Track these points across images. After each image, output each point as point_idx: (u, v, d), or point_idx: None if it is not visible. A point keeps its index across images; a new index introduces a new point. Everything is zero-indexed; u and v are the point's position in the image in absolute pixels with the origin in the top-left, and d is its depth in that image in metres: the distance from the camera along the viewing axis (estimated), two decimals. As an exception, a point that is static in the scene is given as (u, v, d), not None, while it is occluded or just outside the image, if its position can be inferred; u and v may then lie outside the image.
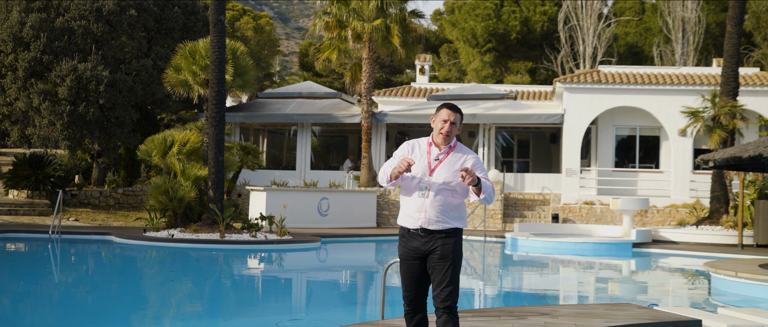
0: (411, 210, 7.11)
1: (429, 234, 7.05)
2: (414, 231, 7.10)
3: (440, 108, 7.21)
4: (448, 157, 7.10)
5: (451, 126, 7.11)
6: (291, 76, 75.80)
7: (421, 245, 7.07)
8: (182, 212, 23.63)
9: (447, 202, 7.04)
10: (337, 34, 32.94)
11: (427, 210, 7.01)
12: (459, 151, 7.19)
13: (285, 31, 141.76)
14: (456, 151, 7.17)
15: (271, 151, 40.19)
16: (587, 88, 32.32)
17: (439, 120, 7.15)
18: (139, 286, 16.03)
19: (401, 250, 7.20)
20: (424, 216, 7.02)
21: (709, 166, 20.60)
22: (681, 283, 19.41)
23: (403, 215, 7.19)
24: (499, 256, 24.13)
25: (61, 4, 30.70)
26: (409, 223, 7.12)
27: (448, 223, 7.05)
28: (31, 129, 30.79)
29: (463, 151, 7.21)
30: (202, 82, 24.31)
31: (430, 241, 7.03)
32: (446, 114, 7.14)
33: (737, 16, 27.25)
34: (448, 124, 7.09)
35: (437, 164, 7.08)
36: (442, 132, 7.10)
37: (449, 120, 7.10)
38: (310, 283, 17.78)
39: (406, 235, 7.16)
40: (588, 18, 50.24)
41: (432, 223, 7.02)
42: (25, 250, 21.69)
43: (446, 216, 7.04)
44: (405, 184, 7.12)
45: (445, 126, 7.09)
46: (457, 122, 7.16)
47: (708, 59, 52.43)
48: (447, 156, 7.11)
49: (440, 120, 7.14)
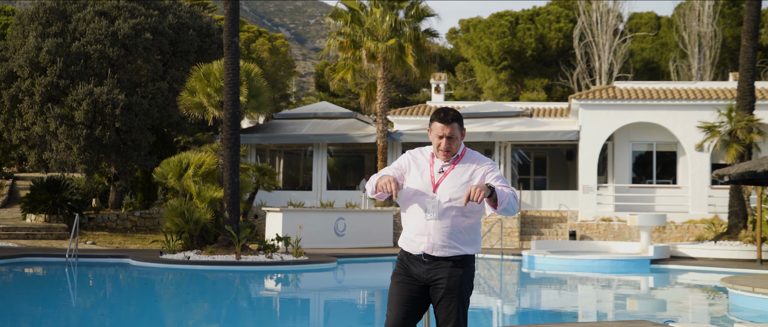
0: (412, 232, 5.98)
1: (433, 261, 5.92)
2: (415, 256, 5.98)
3: (432, 121, 6.02)
4: (455, 169, 5.95)
5: (449, 141, 5.92)
6: (307, 97, 75.99)
7: (423, 273, 5.95)
8: (198, 234, 23.65)
9: (456, 224, 5.87)
10: (352, 54, 33.01)
11: (432, 233, 5.86)
12: (468, 159, 6.01)
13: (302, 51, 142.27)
14: (465, 161, 6.00)
15: (288, 171, 40.23)
16: (603, 104, 32.23)
17: (434, 137, 5.99)
18: (156, 309, 16.04)
19: (398, 269, 6.09)
20: (427, 240, 5.88)
21: (724, 181, 20.49)
22: (699, 299, 19.28)
23: (404, 238, 6.07)
24: (517, 274, 24.04)
25: (76, 29, 30.90)
26: (410, 247, 6.00)
27: (456, 249, 5.90)
28: (48, 153, 30.93)
29: (474, 158, 6.02)
30: (217, 104, 24.38)
31: (434, 270, 5.92)
32: (440, 129, 5.93)
33: (753, 31, 27.15)
34: (444, 141, 5.92)
35: (442, 178, 5.92)
36: (440, 150, 5.96)
37: (445, 135, 5.92)
38: (327, 303, 17.74)
39: (407, 260, 6.04)
40: (603, 34, 50.16)
41: (437, 248, 5.88)
42: (42, 274, 21.75)
43: (455, 240, 5.88)
44: (405, 199, 6.03)
45: (442, 143, 5.93)
46: (456, 134, 5.94)
47: (724, 73, 52.22)
48: (453, 167, 5.95)
49: (435, 137, 5.98)
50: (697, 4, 49.28)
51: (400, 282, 6.04)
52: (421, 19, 33.26)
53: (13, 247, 25.35)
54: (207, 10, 46.49)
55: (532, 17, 55.83)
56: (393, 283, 6.08)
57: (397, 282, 6.06)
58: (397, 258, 6.16)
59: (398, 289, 6.03)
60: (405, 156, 6.15)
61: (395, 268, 6.10)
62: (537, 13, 56.23)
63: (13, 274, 20.86)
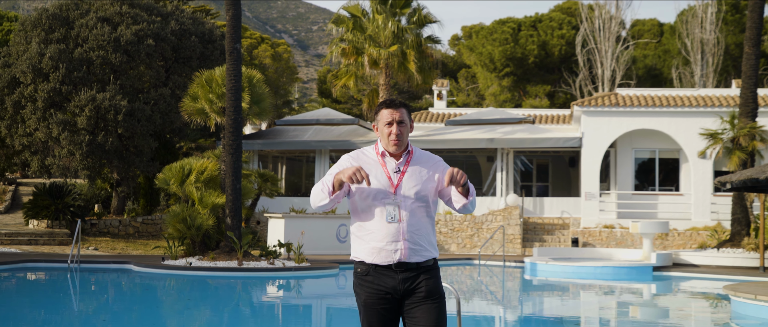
0: (379, 240, 5.30)
1: (407, 269, 5.30)
2: (385, 267, 5.31)
3: (378, 111, 5.48)
4: (411, 165, 5.43)
5: (400, 126, 5.38)
6: (310, 103, 76.04)
7: (398, 284, 5.30)
8: (200, 240, 23.65)
9: (423, 224, 5.36)
10: (354, 61, 33.04)
11: (407, 236, 5.28)
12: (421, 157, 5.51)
13: (304, 58, 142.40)
14: (418, 159, 5.48)
15: (290, 178, 40.23)
16: (606, 111, 32.22)
17: (383, 124, 5.42)
18: (158, 315, 16.02)
19: (364, 292, 5.35)
20: (403, 246, 5.27)
21: (726, 188, 20.46)
22: (701, 306, 19.24)
23: (366, 249, 5.37)
24: (519, 281, 24.01)
25: (79, 35, 30.94)
26: (380, 257, 5.31)
27: (427, 252, 5.38)
28: (51, 159, 30.94)
29: (427, 157, 5.53)
30: (219, 110, 24.39)
31: (409, 278, 5.30)
32: (388, 115, 5.40)
33: (755, 38, 27.14)
34: (395, 126, 5.37)
35: (400, 176, 5.36)
36: (390, 138, 5.37)
37: (394, 119, 5.38)
38: (329, 310, 17.72)
39: (372, 273, 5.33)
40: (606, 41, 50.17)
41: (412, 254, 5.29)
42: (44, 280, 21.74)
43: (425, 242, 5.37)
44: (358, 205, 5.40)
45: (393, 129, 5.36)
46: (406, 119, 5.43)
47: (727, 81, 52.23)
48: (408, 164, 5.43)
49: (384, 124, 5.41)
50: (700, 11, 49.28)
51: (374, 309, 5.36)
52: (424, 25, 33.28)
53: (16, 253, 25.36)
54: (209, 16, 46.53)
55: (535, 24, 55.87)
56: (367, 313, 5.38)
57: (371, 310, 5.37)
58: (356, 276, 5.43)
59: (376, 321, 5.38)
60: (344, 159, 5.48)
61: (358, 291, 5.39)
62: (539, 19, 56.28)
63: (15, 280, 20.85)
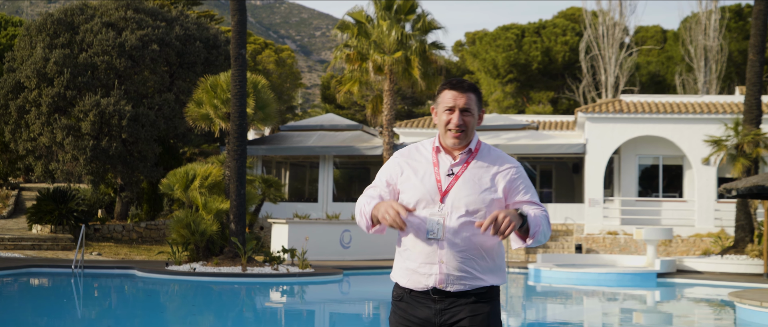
0: (414, 261, 4.30)
1: (447, 298, 4.27)
2: (420, 293, 4.32)
3: (441, 90, 4.38)
4: (470, 168, 4.31)
5: (464, 116, 4.29)
6: (313, 109, 76.07)
7: (433, 315, 4.30)
8: (204, 246, 23.65)
9: (474, 245, 4.23)
10: (359, 67, 33.05)
11: (444, 260, 4.22)
12: (486, 156, 4.38)
13: (307, 63, 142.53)
14: (482, 158, 4.37)
15: (294, 183, 40.25)
16: (609, 117, 32.21)
17: (442, 109, 4.33)
18: (162, 320, 16.02)
19: (395, 320, 4.46)
20: (438, 270, 4.23)
21: (731, 195, 20.46)
22: (705, 313, 19.22)
23: (401, 269, 4.40)
24: (523, 287, 24.00)
25: (84, 40, 30.98)
26: (413, 281, 4.32)
27: (477, 280, 4.28)
28: (55, 164, 30.96)
29: (494, 156, 4.40)
30: (224, 115, 24.40)
31: (449, 310, 4.28)
32: (451, 98, 4.30)
33: (759, 44, 27.14)
34: (456, 114, 4.28)
35: (452, 181, 4.27)
36: (450, 128, 4.29)
37: (458, 106, 4.28)
38: (332, 316, 17.72)
39: (407, 299, 4.38)
40: (609, 47, 50.17)
41: (452, 281, 4.24)
42: (48, 285, 21.74)
43: (474, 268, 4.26)
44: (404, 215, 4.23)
45: (454, 117, 4.28)
46: (473, 108, 4.32)
47: (731, 87, 52.22)
48: (467, 166, 4.32)
49: (444, 109, 4.33)
50: (703, 17, 49.29)
51: None
52: (428, 32, 33.28)
53: (19, 258, 25.37)
54: (214, 22, 46.59)
55: (538, 30, 55.88)
56: None
57: None
58: (393, 300, 4.53)
59: None
60: (392, 161, 4.49)
61: (391, 319, 4.51)
62: (543, 26, 56.29)
63: (18, 285, 20.86)
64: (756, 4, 27.40)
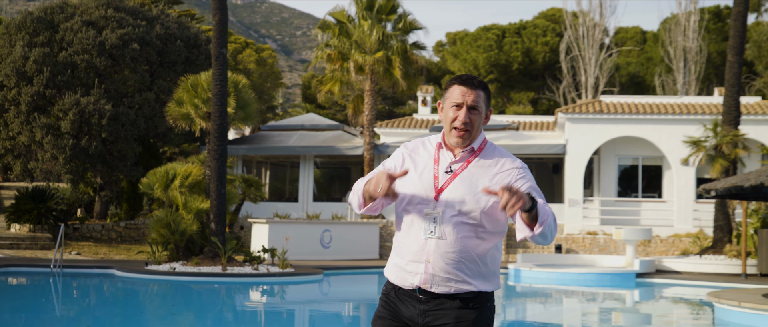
0: (403, 258, 4.19)
1: (433, 299, 4.12)
2: (407, 292, 4.20)
3: (450, 84, 4.22)
4: (470, 167, 4.16)
5: (471, 113, 4.13)
6: (294, 109, 75.96)
7: (417, 316, 4.16)
8: (184, 245, 23.59)
9: (466, 248, 4.07)
10: (340, 66, 33.05)
11: (431, 259, 4.07)
12: (489, 155, 4.21)
13: (288, 63, 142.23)
14: (483, 157, 4.19)
15: (274, 183, 40.19)
16: (589, 118, 32.34)
17: (449, 105, 4.19)
18: (141, 320, 15.98)
19: (382, 311, 4.32)
20: (424, 269, 4.09)
21: (710, 195, 20.57)
22: (684, 313, 19.33)
23: (392, 265, 4.29)
24: (503, 287, 24.05)
25: (64, 39, 30.83)
26: (400, 278, 4.20)
27: (466, 284, 4.10)
28: (34, 163, 30.81)
29: (497, 155, 4.23)
30: (204, 115, 24.35)
31: (433, 312, 4.12)
32: (459, 94, 4.14)
33: (738, 46, 27.30)
34: (464, 112, 4.12)
35: (450, 179, 4.12)
36: (455, 125, 4.15)
37: (465, 102, 4.12)
38: (312, 315, 17.72)
39: (394, 296, 4.26)
40: (590, 48, 50.35)
41: (438, 282, 4.08)
42: (26, 285, 21.64)
43: (464, 271, 4.08)
44: (397, 210, 4.26)
45: (461, 114, 4.13)
46: (481, 106, 4.16)
47: (710, 88, 52.52)
48: (467, 164, 4.16)
49: (451, 105, 4.18)
50: (682, 19, 49.54)
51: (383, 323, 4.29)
52: (409, 32, 33.33)
53: (-2, 257, 25.23)
54: (195, 21, 46.45)
55: (519, 31, 56.03)
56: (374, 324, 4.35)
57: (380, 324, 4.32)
58: (381, 294, 4.39)
59: None
60: (397, 152, 4.37)
61: (378, 309, 4.35)
62: (524, 26, 56.45)
63: (-3, 285, 20.75)
64: (735, 6, 27.57)
